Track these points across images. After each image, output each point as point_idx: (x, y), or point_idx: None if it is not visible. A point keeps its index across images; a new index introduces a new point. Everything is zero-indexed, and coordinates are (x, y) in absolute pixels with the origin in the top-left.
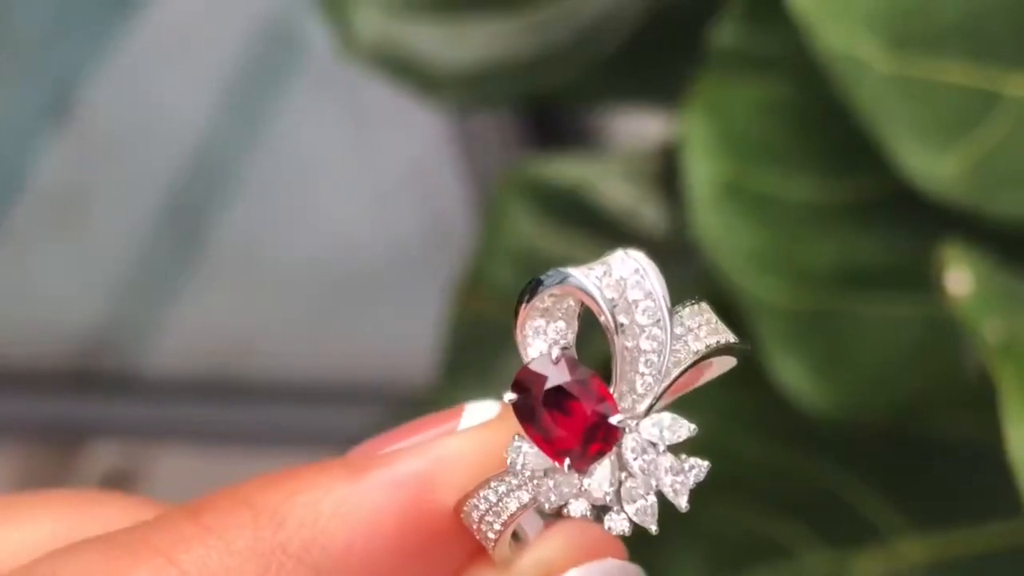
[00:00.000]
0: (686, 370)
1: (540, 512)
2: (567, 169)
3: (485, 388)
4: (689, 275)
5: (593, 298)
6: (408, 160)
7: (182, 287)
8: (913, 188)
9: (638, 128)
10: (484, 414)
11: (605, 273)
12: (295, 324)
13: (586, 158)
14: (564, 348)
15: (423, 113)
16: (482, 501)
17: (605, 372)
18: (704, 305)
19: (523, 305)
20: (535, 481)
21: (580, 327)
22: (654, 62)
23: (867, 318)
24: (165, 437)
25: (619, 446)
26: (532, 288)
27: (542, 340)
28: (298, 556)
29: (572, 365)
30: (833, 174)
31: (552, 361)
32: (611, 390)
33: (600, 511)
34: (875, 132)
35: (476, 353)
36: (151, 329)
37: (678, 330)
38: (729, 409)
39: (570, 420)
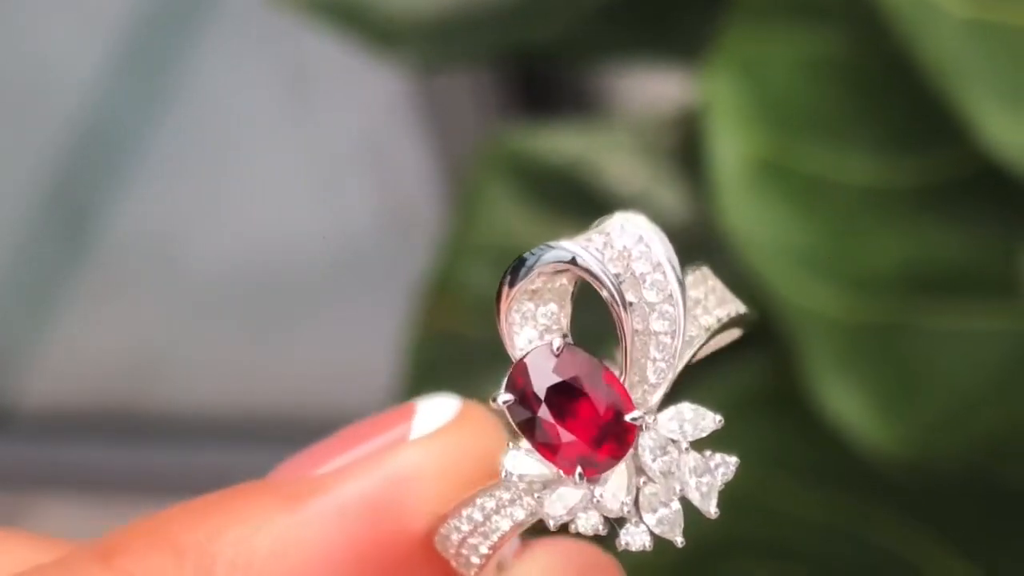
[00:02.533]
0: (699, 350)
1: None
2: (561, 141)
3: None
4: (720, 278)
5: (596, 276)
6: (359, 131)
7: (67, 296)
8: (998, 165)
9: (650, 91)
10: (441, 414)
11: (606, 244)
12: (212, 342)
13: (585, 128)
14: (563, 336)
15: (377, 72)
16: (465, 522)
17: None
18: (706, 270)
19: (508, 288)
20: (535, 495)
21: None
22: (668, 8)
23: (942, 334)
24: (47, 484)
25: (635, 447)
26: (518, 267)
27: (531, 327)
28: None
29: (575, 355)
30: (897, 150)
31: (553, 352)
32: (622, 381)
33: (614, 524)
34: (949, 95)
35: (445, 376)
36: (26, 351)
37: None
38: (768, 453)
39: (576, 421)
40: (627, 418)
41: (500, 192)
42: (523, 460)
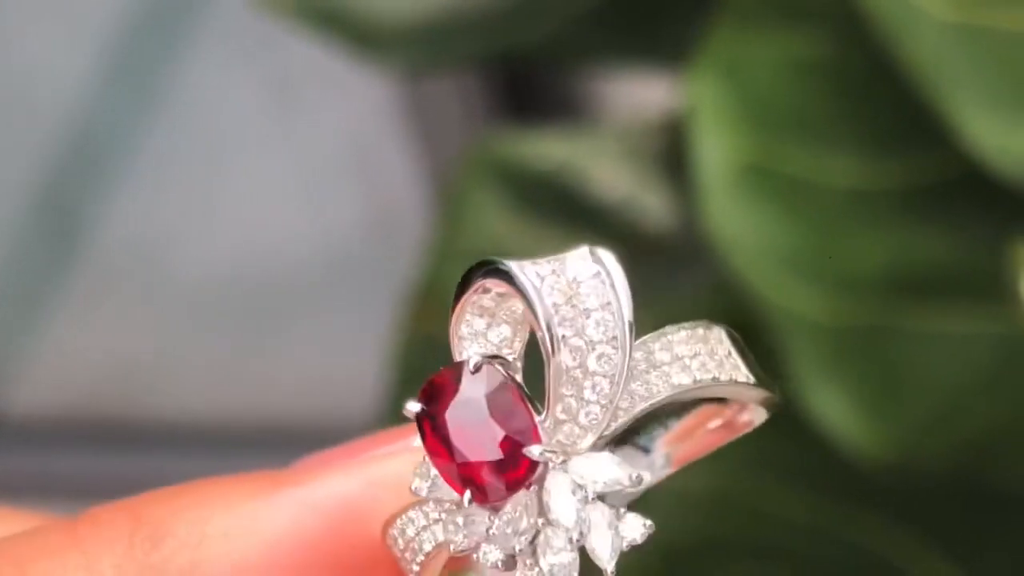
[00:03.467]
0: (662, 407)
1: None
2: (547, 146)
3: None
4: (706, 282)
5: (526, 295)
6: (345, 137)
7: (53, 304)
8: (984, 169)
9: (637, 95)
10: None
11: (554, 272)
12: (201, 348)
13: (571, 133)
14: (495, 357)
15: (363, 78)
16: (400, 533)
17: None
18: (717, 333)
19: (454, 300)
20: (446, 515)
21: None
22: (653, 12)
23: (927, 336)
24: (36, 490)
25: (540, 485)
26: (465, 279)
27: (479, 346)
28: None
29: (493, 377)
30: (882, 152)
31: (470, 369)
32: (543, 416)
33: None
34: (933, 98)
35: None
36: (13, 357)
37: (662, 356)
38: (753, 455)
39: (475, 444)
40: (531, 451)
41: (486, 197)
42: (436, 475)
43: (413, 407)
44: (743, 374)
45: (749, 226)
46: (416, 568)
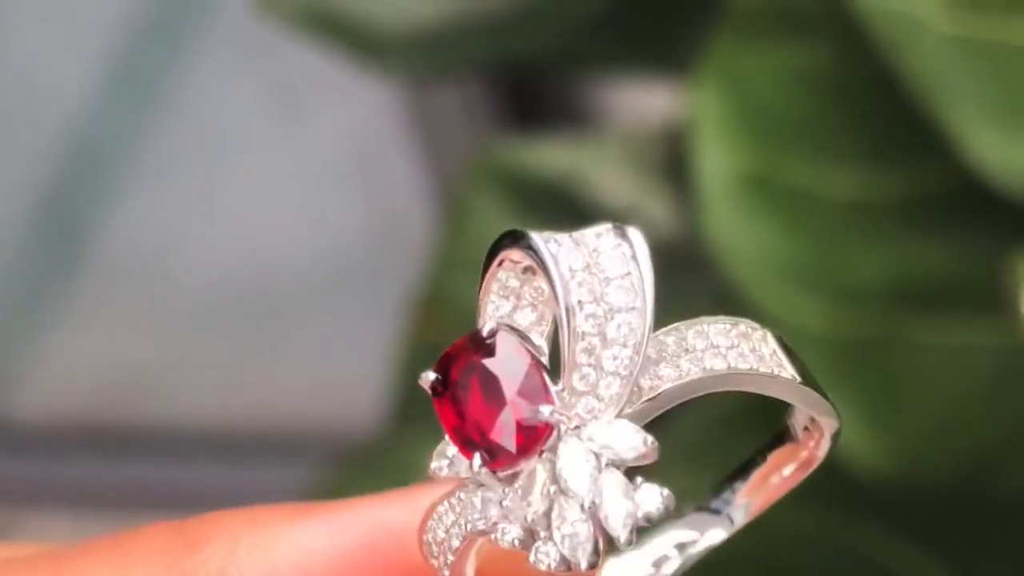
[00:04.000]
0: (689, 391)
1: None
2: (550, 154)
3: None
4: (708, 289)
5: (541, 258)
6: (348, 143)
7: (57, 310)
8: (983, 180)
9: (639, 103)
10: None
11: (573, 240)
12: (204, 356)
13: (574, 140)
14: (512, 328)
15: (367, 85)
16: (432, 537)
17: None
18: (761, 333)
19: (483, 276)
20: (464, 496)
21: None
22: (657, 21)
23: (928, 347)
24: (39, 498)
25: (554, 453)
26: (490, 252)
27: (508, 303)
28: None
29: (507, 341)
30: (882, 164)
31: (484, 335)
32: (559, 384)
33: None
34: (933, 110)
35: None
36: (18, 364)
37: (696, 342)
38: None
39: (488, 410)
40: (543, 413)
41: (489, 204)
42: (456, 456)
43: (428, 376)
44: (789, 373)
45: (750, 237)
46: (447, 573)
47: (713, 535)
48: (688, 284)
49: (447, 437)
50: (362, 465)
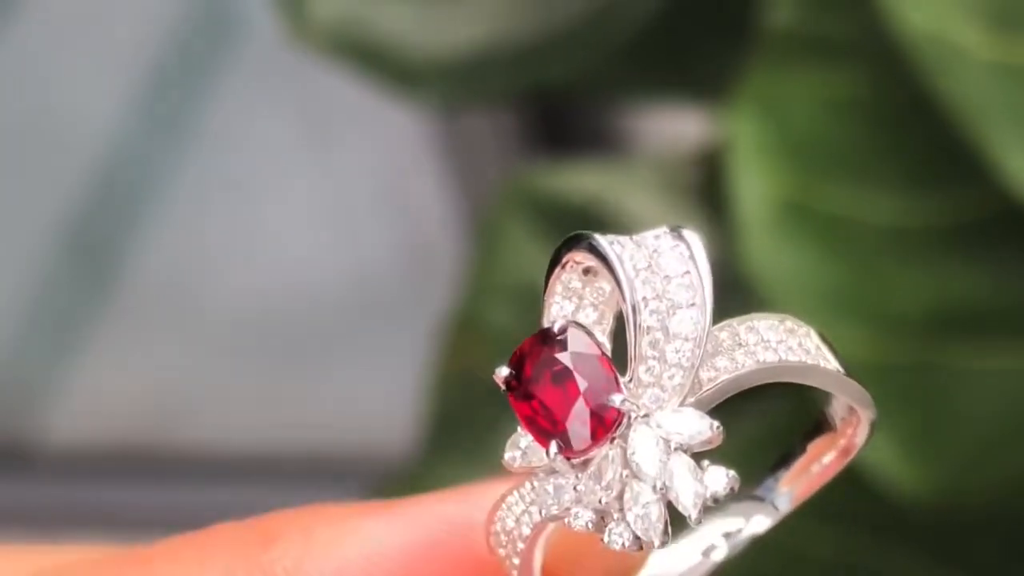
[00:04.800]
0: (744, 383)
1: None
2: (581, 179)
3: (483, 463)
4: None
5: (608, 259)
6: (379, 169)
7: (87, 337)
8: (1022, 205)
9: (671, 130)
10: None
11: (635, 242)
12: (233, 382)
13: (605, 165)
14: (580, 326)
15: (397, 111)
16: (501, 527)
17: None
18: (805, 329)
19: (548, 279)
20: (538, 483)
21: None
22: (690, 47)
23: (972, 374)
24: (70, 523)
25: (625, 440)
26: (554, 255)
27: (570, 303)
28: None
29: (577, 336)
30: (923, 189)
31: (555, 333)
32: (627, 376)
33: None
34: (974, 135)
35: (469, 418)
36: (49, 391)
37: (748, 337)
38: None
39: (563, 401)
40: (614, 401)
41: (520, 230)
42: (528, 446)
43: (502, 371)
44: (833, 365)
45: (789, 264)
46: (516, 562)
47: (758, 522)
48: (724, 309)
49: (520, 429)
50: (395, 490)
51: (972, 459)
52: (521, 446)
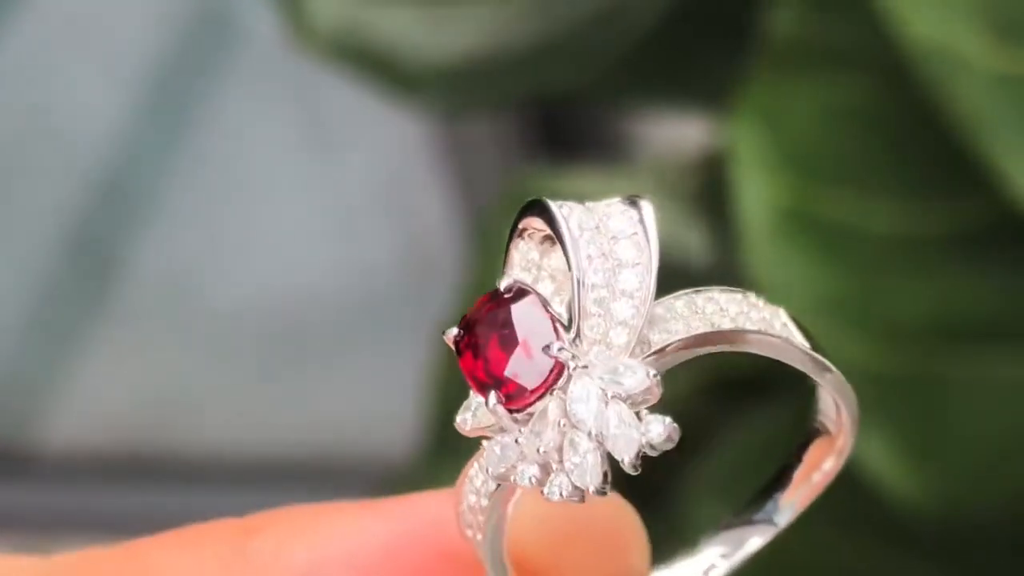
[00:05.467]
0: (698, 345)
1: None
2: (581, 183)
3: None
4: None
5: (552, 217)
6: (379, 174)
7: (88, 339)
8: None
9: (672, 135)
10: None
11: (585, 207)
12: (233, 386)
13: (606, 170)
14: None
15: (398, 115)
16: (468, 507)
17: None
18: (772, 308)
19: (507, 248)
20: (486, 447)
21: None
22: (691, 53)
23: (974, 383)
24: (69, 526)
25: (565, 391)
26: (512, 227)
27: (527, 274)
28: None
29: (522, 293)
30: (926, 198)
31: (502, 291)
32: (571, 331)
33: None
34: (978, 144)
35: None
36: (49, 393)
37: (707, 307)
38: None
39: (504, 354)
40: (552, 349)
41: None
42: (478, 406)
43: (451, 331)
44: (798, 340)
45: (791, 272)
46: (480, 537)
47: (756, 541)
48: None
49: (471, 392)
50: (395, 492)
51: (975, 469)
52: (472, 408)
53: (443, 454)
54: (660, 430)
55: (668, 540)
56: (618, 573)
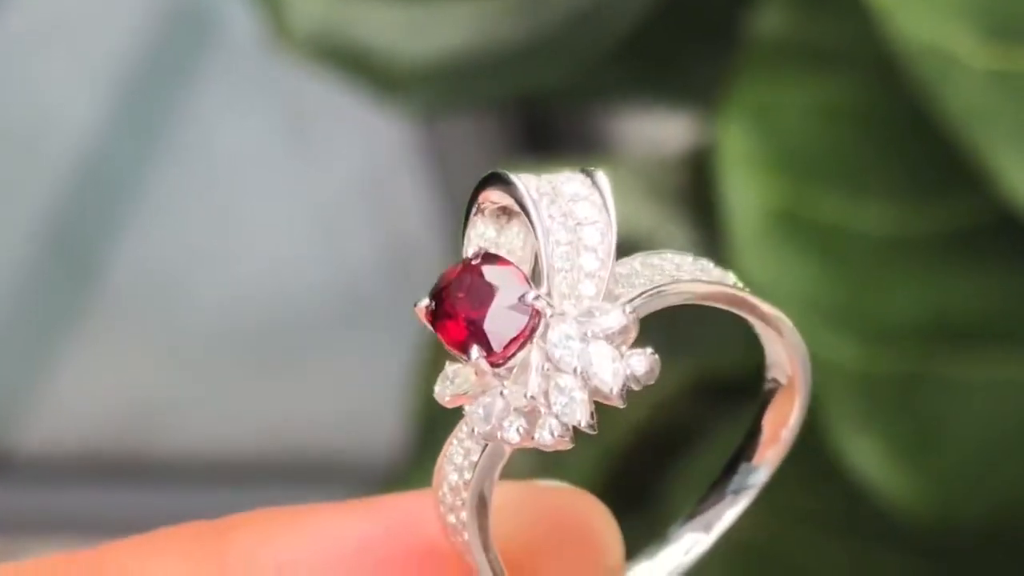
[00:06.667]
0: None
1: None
2: None
3: None
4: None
5: (513, 184)
6: (361, 173)
7: (66, 340)
8: (1020, 214)
9: (654, 134)
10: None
11: (542, 179)
12: (214, 386)
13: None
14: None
15: (380, 114)
16: (448, 487)
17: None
18: (724, 271)
19: (465, 211)
20: (470, 410)
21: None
22: (676, 52)
23: (966, 385)
24: (47, 528)
25: (544, 339)
26: (468, 204)
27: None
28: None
29: (490, 257)
30: (916, 198)
31: (470, 259)
32: (542, 286)
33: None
34: (969, 143)
35: (455, 418)
36: (25, 395)
37: (663, 264)
38: (788, 507)
39: (481, 311)
40: (527, 299)
41: None
42: (455, 372)
43: (422, 302)
44: (748, 293)
45: (781, 274)
46: (464, 517)
47: (732, 513)
48: (713, 318)
49: (447, 364)
50: (381, 492)
51: (968, 470)
52: (449, 376)
53: (428, 452)
54: (643, 362)
55: (652, 540)
56: (592, 570)
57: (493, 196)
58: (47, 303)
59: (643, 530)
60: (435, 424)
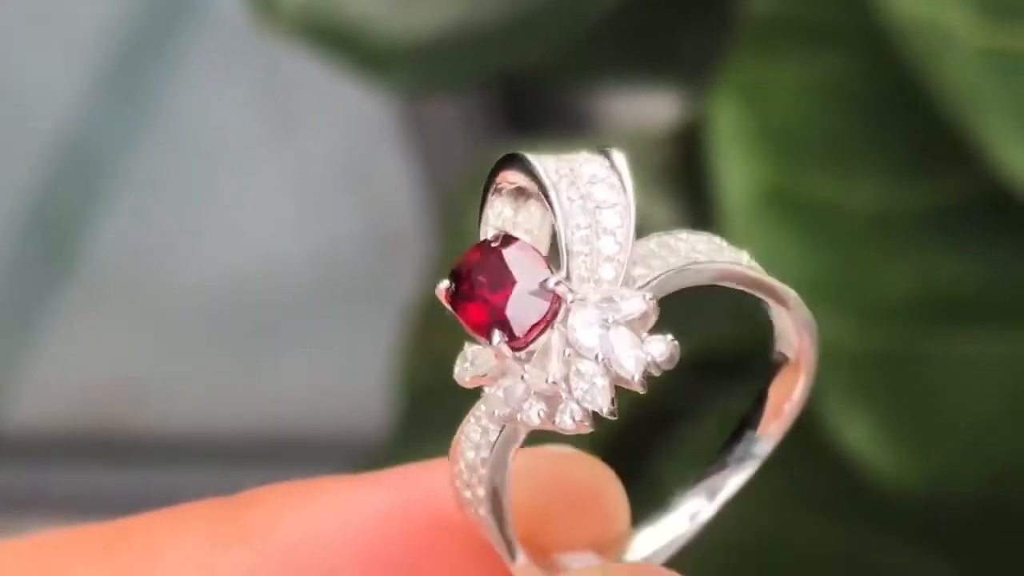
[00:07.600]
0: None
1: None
2: None
3: None
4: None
5: (531, 167)
6: (343, 151)
7: (51, 317)
8: (1012, 191)
9: (640, 112)
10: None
11: (560, 159)
12: (198, 364)
13: (572, 146)
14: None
15: (362, 93)
16: (466, 464)
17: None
18: (736, 250)
19: (481, 210)
20: (489, 392)
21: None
22: (665, 29)
23: (957, 361)
24: (32, 507)
25: (564, 324)
26: (485, 185)
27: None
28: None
29: (510, 240)
30: (909, 176)
31: (489, 241)
32: (561, 270)
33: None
34: (963, 121)
35: (441, 395)
36: (9, 373)
37: (679, 245)
38: (779, 483)
39: (501, 295)
40: (549, 284)
41: None
42: (475, 354)
43: (443, 284)
44: (763, 272)
45: (773, 252)
46: (480, 494)
47: (736, 481)
48: (702, 298)
49: (466, 345)
50: (370, 470)
51: (958, 446)
52: (469, 358)
53: (415, 430)
54: (663, 348)
55: (650, 510)
56: (601, 535)
57: (511, 176)
58: (30, 281)
59: (637, 499)
60: (420, 400)
